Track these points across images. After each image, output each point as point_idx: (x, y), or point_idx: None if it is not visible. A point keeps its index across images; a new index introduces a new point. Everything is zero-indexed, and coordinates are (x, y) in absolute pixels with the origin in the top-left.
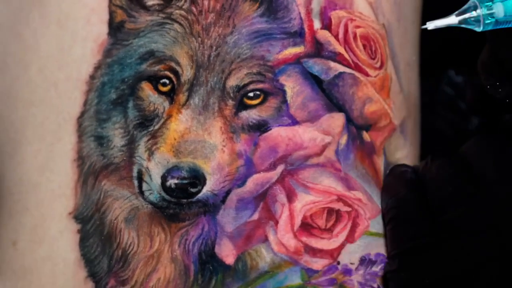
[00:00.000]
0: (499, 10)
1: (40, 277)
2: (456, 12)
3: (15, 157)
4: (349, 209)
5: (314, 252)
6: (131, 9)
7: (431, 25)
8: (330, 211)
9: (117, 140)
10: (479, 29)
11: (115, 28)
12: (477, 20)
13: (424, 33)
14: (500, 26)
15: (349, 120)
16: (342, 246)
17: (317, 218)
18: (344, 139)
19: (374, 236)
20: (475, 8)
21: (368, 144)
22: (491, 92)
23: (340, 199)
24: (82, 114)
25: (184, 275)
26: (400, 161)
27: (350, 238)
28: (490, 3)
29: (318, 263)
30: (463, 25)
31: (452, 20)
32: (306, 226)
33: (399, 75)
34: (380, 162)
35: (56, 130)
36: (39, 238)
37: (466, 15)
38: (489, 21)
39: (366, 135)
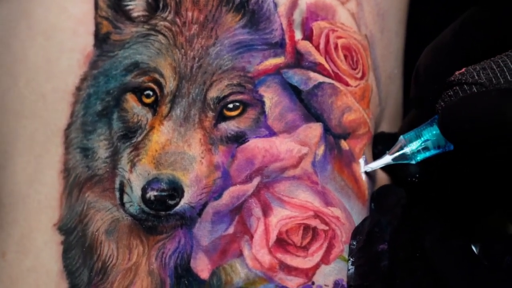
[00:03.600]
0: (428, 144)
1: None
2: (389, 151)
3: (7, 169)
4: (326, 227)
5: (289, 269)
6: (117, 20)
7: (368, 168)
8: (306, 228)
9: (102, 151)
10: (413, 162)
11: (101, 39)
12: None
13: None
14: (432, 153)
15: (326, 130)
16: (317, 266)
17: (292, 235)
18: (321, 150)
19: (346, 263)
20: (405, 145)
21: (346, 152)
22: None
23: (317, 215)
24: (69, 126)
25: None
26: None
27: (325, 259)
28: (419, 140)
29: (293, 282)
30: (398, 162)
31: (386, 159)
32: (282, 242)
33: (380, 88)
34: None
35: (45, 142)
36: (25, 249)
37: (398, 154)
38: (421, 154)
39: (344, 144)
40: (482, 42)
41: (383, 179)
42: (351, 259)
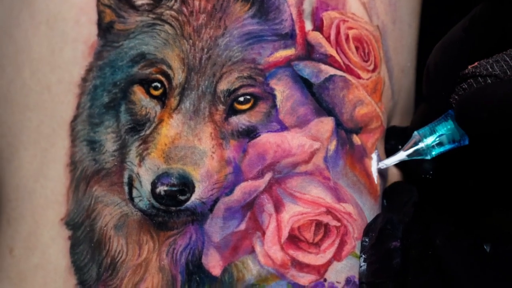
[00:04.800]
0: (443, 139)
1: (33, 285)
2: (403, 147)
3: (13, 162)
4: (338, 224)
5: (301, 266)
6: (120, 8)
7: (383, 164)
8: (319, 224)
9: (109, 144)
10: (428, 157)
11: (104, 29)
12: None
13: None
14: (447, 148)
15: (338, 124)
16: (329, 263)
17: (305, 231)
18: (333, 145)
19: (358, 259)
20: (420, 140)
21: (358, 147)
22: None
23: (329, 211)
24: (75, 118)
25: (171, 285)
26: None
27: (337, 256)
28: (434, 134)
29: (305, 279)
30: (413, 157)
31: (401, 156)
32: (294, 239)
33: (392, 81)
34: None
35: (50, 134)
36: (32, 245)
37: (412, 150)
38: (436, 150)
39: (356, 138)
40: (492, 38)
41: (395, 174)
42: (363, 255)
